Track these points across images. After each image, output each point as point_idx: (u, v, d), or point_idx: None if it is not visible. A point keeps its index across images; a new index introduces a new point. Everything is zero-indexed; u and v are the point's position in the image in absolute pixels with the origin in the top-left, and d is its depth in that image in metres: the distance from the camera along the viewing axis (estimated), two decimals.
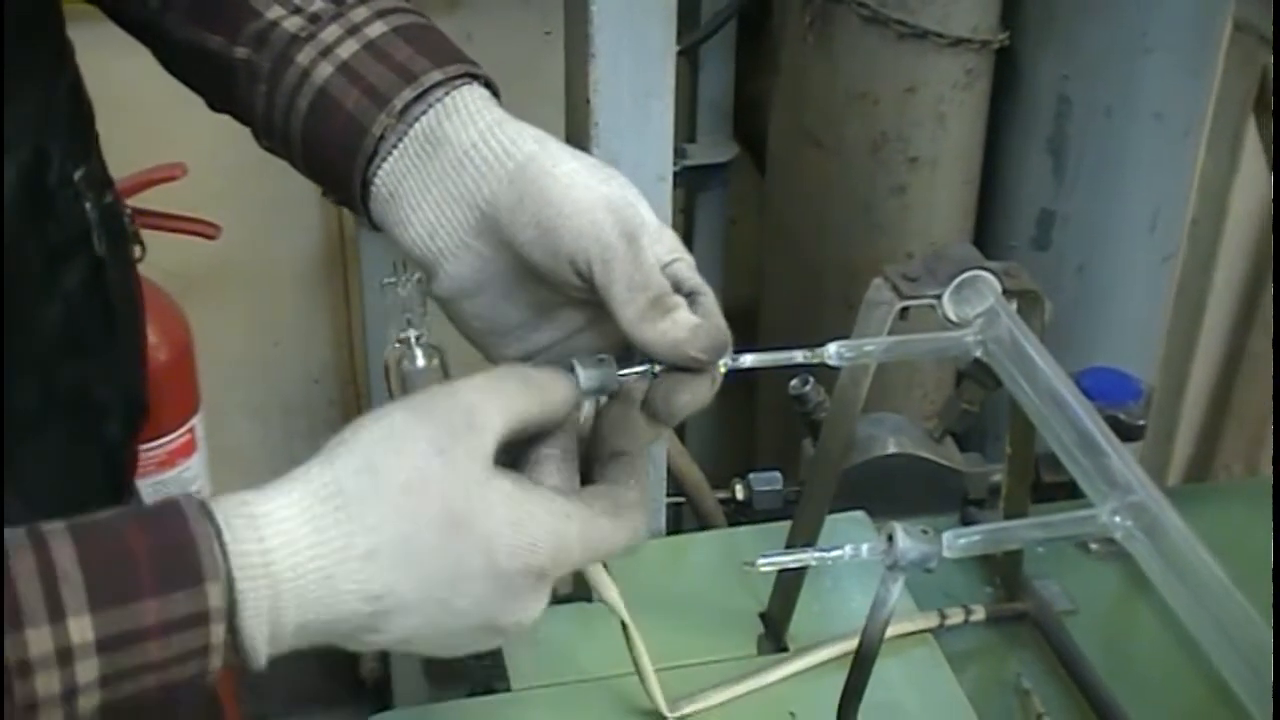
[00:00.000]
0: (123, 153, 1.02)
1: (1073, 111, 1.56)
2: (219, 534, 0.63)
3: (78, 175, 0.83)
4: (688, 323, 0.74)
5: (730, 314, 0.81)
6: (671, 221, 1.00)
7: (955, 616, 1.06)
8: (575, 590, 1.08)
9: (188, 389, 1.80)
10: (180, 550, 0.62)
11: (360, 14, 0.82)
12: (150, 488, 1.70)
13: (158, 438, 1.73)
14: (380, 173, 0.79)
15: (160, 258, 1.09)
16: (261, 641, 0.64)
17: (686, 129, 1.90)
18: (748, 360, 0.82)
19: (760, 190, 1.85)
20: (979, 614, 1.07)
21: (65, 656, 0.60)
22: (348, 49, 0.80)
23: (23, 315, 0.79)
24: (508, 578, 0.67)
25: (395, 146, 0.78)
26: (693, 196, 1.95)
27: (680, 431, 1.99)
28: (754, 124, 1.90)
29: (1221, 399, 2.17)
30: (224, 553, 0.63)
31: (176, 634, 0.62)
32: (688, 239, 1.96)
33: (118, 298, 0.88)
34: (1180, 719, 1.05)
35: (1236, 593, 0.73)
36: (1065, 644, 1.06)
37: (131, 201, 1.62)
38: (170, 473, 1.74)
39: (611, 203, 0.75)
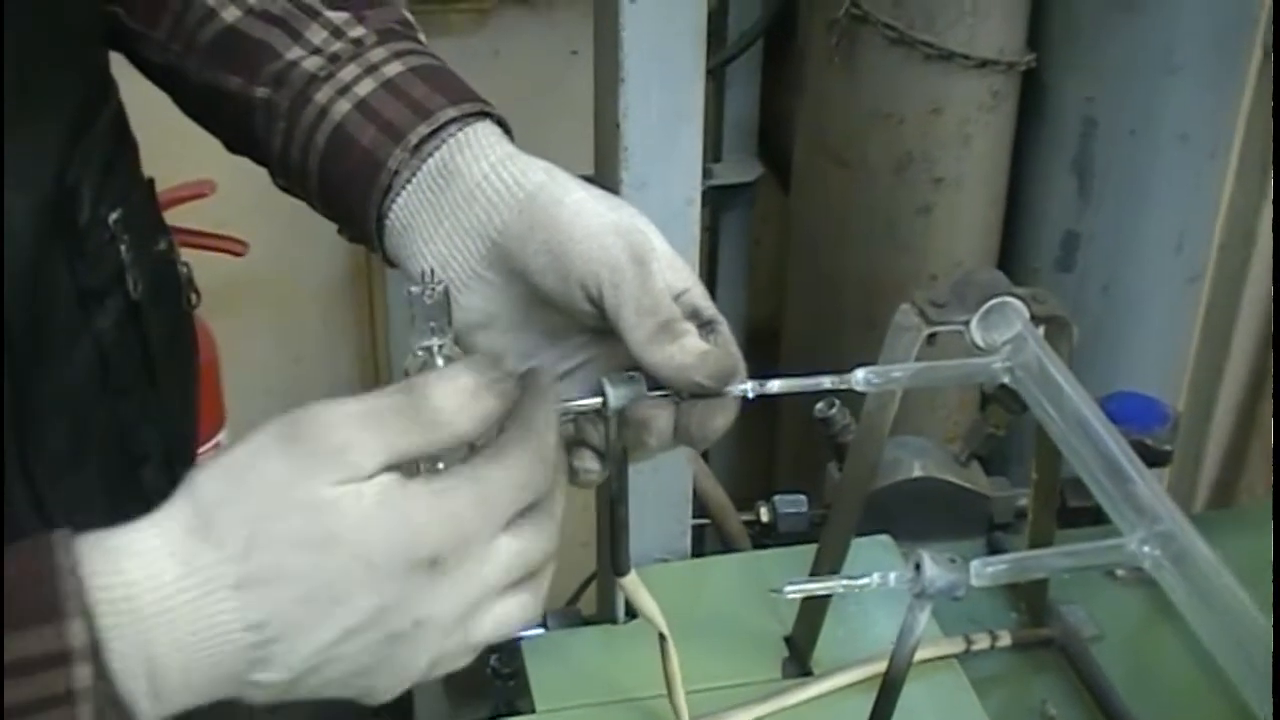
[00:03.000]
0: (152, 170, 1.02)
1: (1098, 132, 1.57)
2: (77, 567, 0.59)
3: (113, 217, 0.83)
4: (696, 349, 0.74)
5: (753, 332, 0.81)
6: (698, 241, 1.01)
7: (981, 642, 1.06)
8: (600, 612, 1.09)
9: (214, 405, 1.81)
10: (36, 583, 0.58)
11: (378, 54, 0.83)
12: None
13: None
14: (395, 207, 0.80)
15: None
16: (141, 692, 0.59)
17: (712, 149, 1.91)
18: (775, 386, 0.82)
19: (784, 209, 1.86)
20: (1005, 639, 1.07)
21: None
22: (365, 87, 0.81)
23: (53, 354, 0.79)
24: (393, 577, 0.62)
25: (409, 181, 0.79)
26: (717, 216, 1.95)
27: (702, 452, 1.99)
28: (779, 144, 1.90)
29: (1247, 421, 2.16)
30: (83, 588, 0.58)
31: (35, 674, 0.57)
32: (712, 258, 1.96)
33: (159, 344, 0.88)
34: None
35: (1265, 623, 0.73)
36: (1091, 670, 1.06)
37: None
38: None
39: (621, 228, 0.75)
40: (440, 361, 0.72)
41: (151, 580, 0.59)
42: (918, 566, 0.73)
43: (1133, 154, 1.56)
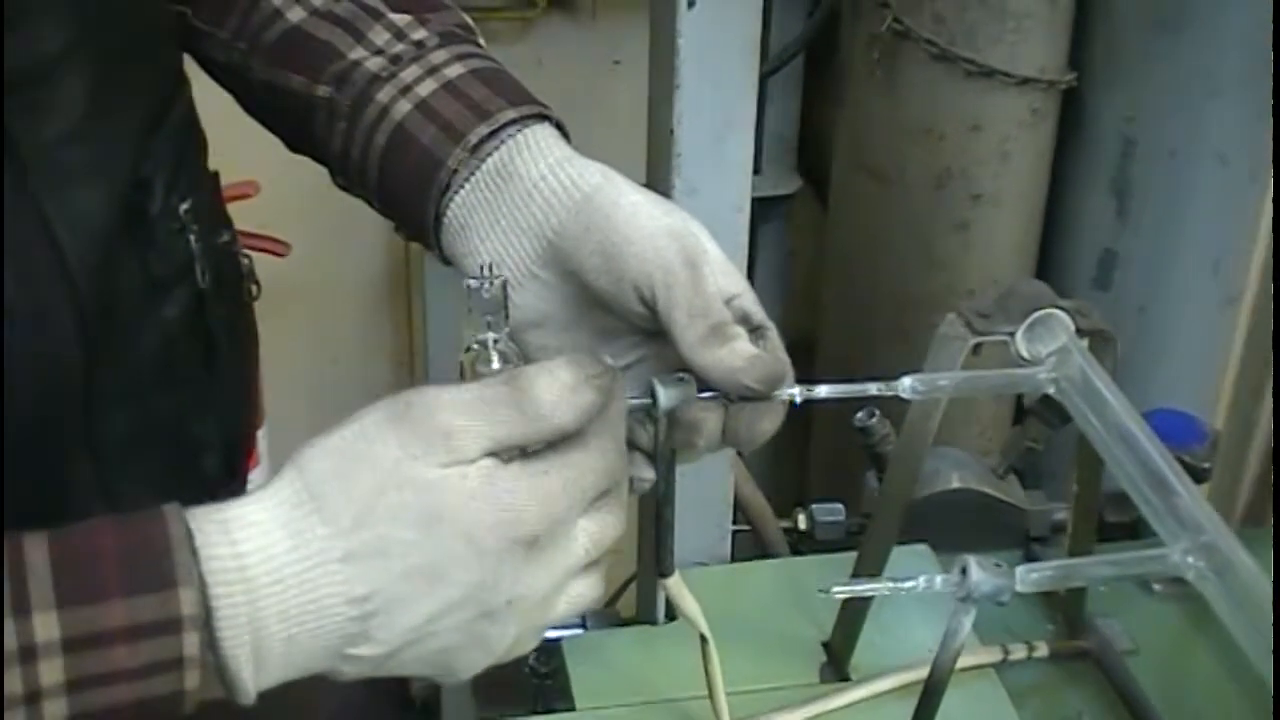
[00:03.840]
0: None
1: (1137, 152, 1.57)
2: (190, 538, 0.61)
3: (184, 208, 0.85)
4: (746, 352, 0.75)
5: (789, 344, 0.82)
6: (746, 249, 1.02)
7: (1018, 652, 1.06)
8: (640, 613, 1.10)
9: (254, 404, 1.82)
10: (151, 551, 0.60)
11: (440, 56, 0.85)
12: None
13: None
14: (453, 205, 0.81)
15: None
16: (245, 659, 0.62)
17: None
18: (822, 391, 0.83)
19: (821, 223, 1.87)
20: (1042, 650, 1.07)
21: (29, 654, 0.58)
22: (427, 88, 0.83)
23: (120, 342, 0.81)
24: (494, 555, 0.65)
25: (468, 180, 0.81)
26: (755, 228, 1.95)
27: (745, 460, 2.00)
28: (818, 157, 1.91)
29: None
30: (196, 559, 0.61)
31: (146, 640, 0.60)
32: (749, 269, 1.96)
33: (221, 334, 0.90)
34: None
35: None
36: (1126, 683, 1.06)
37: None
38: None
39: (675, 231, 0.76)
40: (495, 355, 0.73)
41: (263, 552, 0.62)
42: (964, 570, 0.74)
43: (1172, 175, 1.56)
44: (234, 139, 0.98)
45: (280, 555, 0.62)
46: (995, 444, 1.61)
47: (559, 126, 0.83)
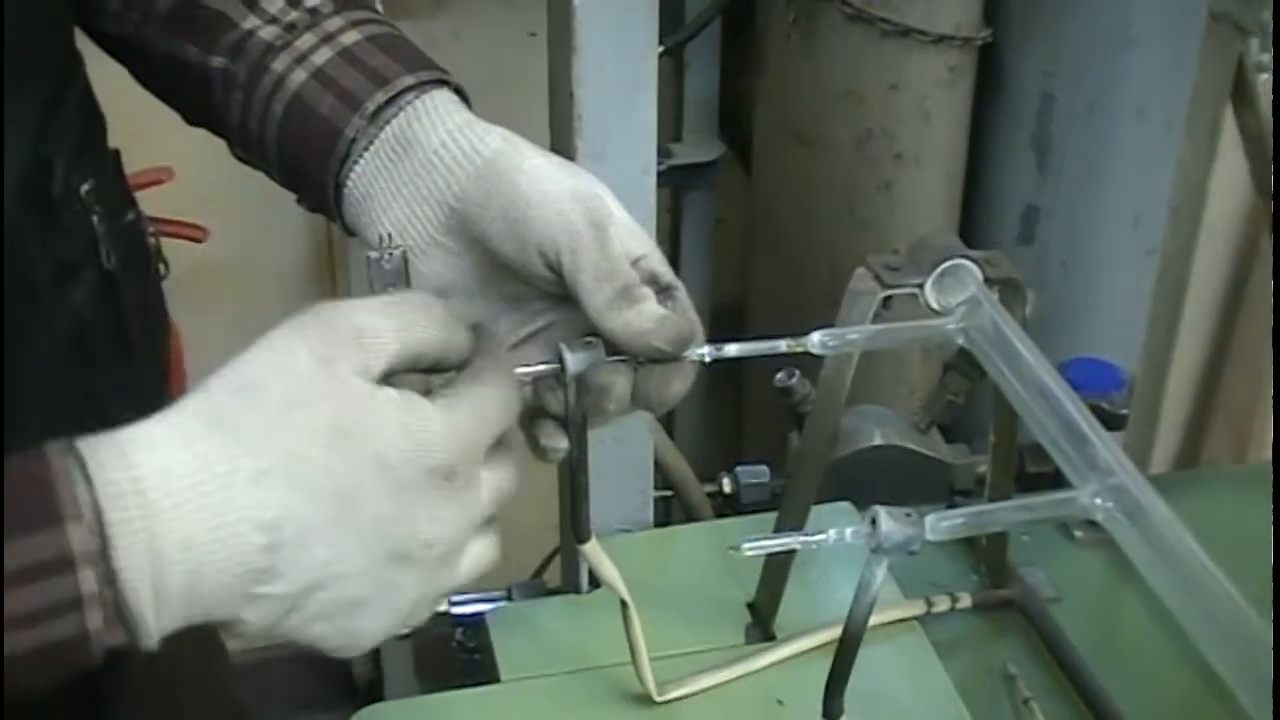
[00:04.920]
0: None
1: (1055, 107, 1.56)
2: (83, 467, 0.58)
3: (85, 188, 0.83)
4: (654, 314, 0.74)
5: (718, 312, 0.82)
6: (657, 220, 1.01)
7: (942, 604, 1.06)
8: (565, 582, 1.09)
9: (176, 392, 1.80)
10: (33, 490, 0.57)
11: (335, 23, 0.83)
12: None
13: None
14: (353, 175, 0.80)
15: None
16: (145, 594, 0.58)
17: (673, 128, 1.91)
18: (731, 350, 0.83)
19: (747, 189, 1.86)
20: (965, 601, 1.07)
21: None
22: (322, 56, 0.82)
23: (29, 326, 0.79)
24: (408, 485, 0.63)
25: (367, 149, 0.80)
26: (679, 196, 1.96)
27: (668, 425, 1.99)
28: (740, 123, 1.91)
29: (1207, 393, 2.18)
30: (90, 486, 0.57)
31: (38, 582, 0.57)
32: (675, 238, 1.96)
33: (133, 315, 0.88)
34: (1166, 703, 1.05)
35: (1219, 575, 0.73)
36: (1051, 631, 1.07)
37: None
38: None
39: (578, 194, 0.75)
40: None
41: (162, 474, 0.58)
42: (874, 521, 0.74)
43: (1090, 129, 1.56)
44: (147, 124, 0.97)
45: (183, 477, 0.58)
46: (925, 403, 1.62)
47: (459, 91, 0.82)
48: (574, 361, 0.75)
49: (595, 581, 1.06)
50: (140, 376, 0.92)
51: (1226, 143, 1.18)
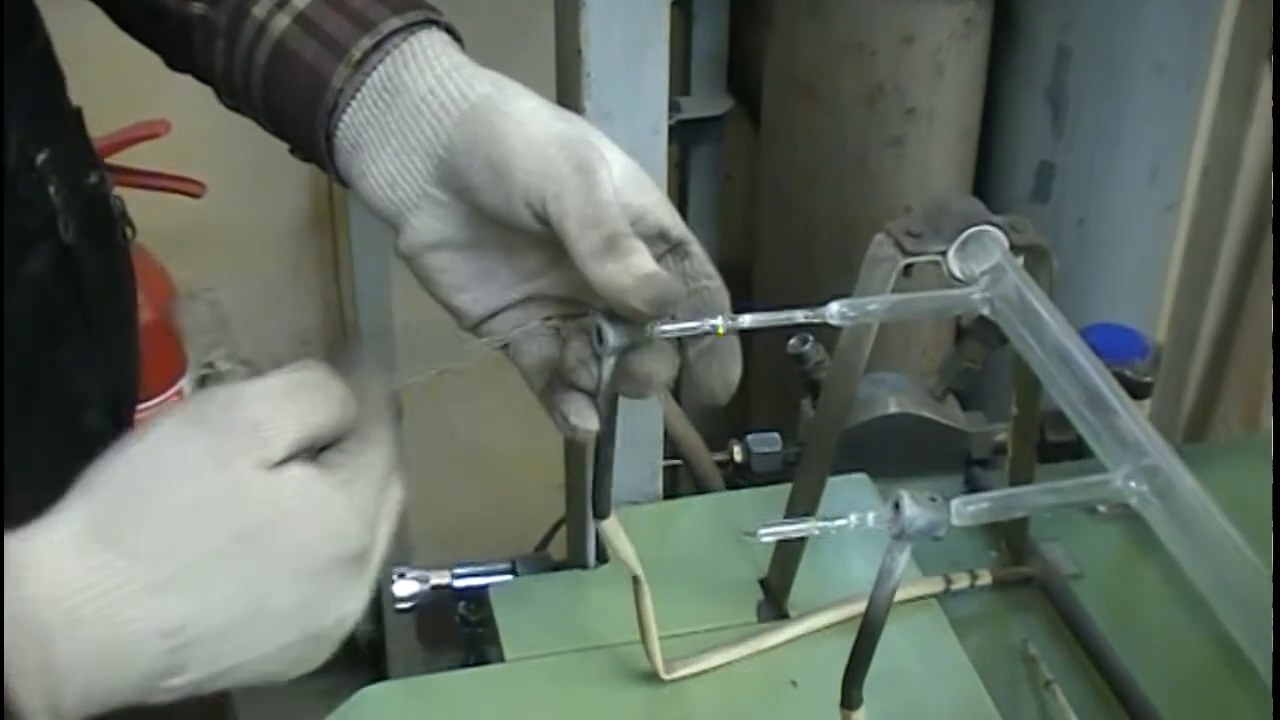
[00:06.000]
0: (103, 110, 0.98)
1: (1072, 62, 1.53)
2: None
3: (40, 158, 0.79)
4: (639, 269, 0.69)
5: (726, 270, 0.78)
6: (666, 175, 0.97)
7: (960, 581, 1.04)
8: (571, 557, 1.06)
9: (174, 350, 1.77)
10: None
11: None
12: None
13: (144, 400, 1.69)
14: (341, 125, 0.76)
15: (143, 217, 1.06)
16: (40, 708, 0.55)
17: (680, 83, 1.87)
18: (746, 321, 0.80)
19: (754, 145, 1.82)
20: (984, 579, 1.05)
21: None
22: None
23: None
24: (317, 573, 0.60)
25: (354, 97, 0.75)
26: (687, 151, 1.91)
27: (675, 393, 1.96)
28: (749, 78, 1.87)
29: (1223, 351, 2.14)
30: None
31: None
32: (682, 194, 1.93)
33: (94, 285, 0.84)
34: (1189, 681, 1.02)
35: (1253, 557, 0.70)
36: (1071, 608, 1.04)
37: (113, 160, 1.58)
38: None
39: (566, 139, 0.71)
40: (226, 368, 0.69)
41: (51, 598, 0.55)
42: (896, 506, 0.70)
43: (1108, 83, 1.53)
44: (141, 76, 0.93)
45: (75, 594, 0.55)
46: (937, 364, 1.59)
47: (450, 30, 0.77)
48: (614, 336, 0.71)
49: (602, 556, 1.04)
50: (105, 349, 0.88)
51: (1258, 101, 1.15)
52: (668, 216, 0.73)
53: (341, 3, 0.76)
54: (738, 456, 1.19)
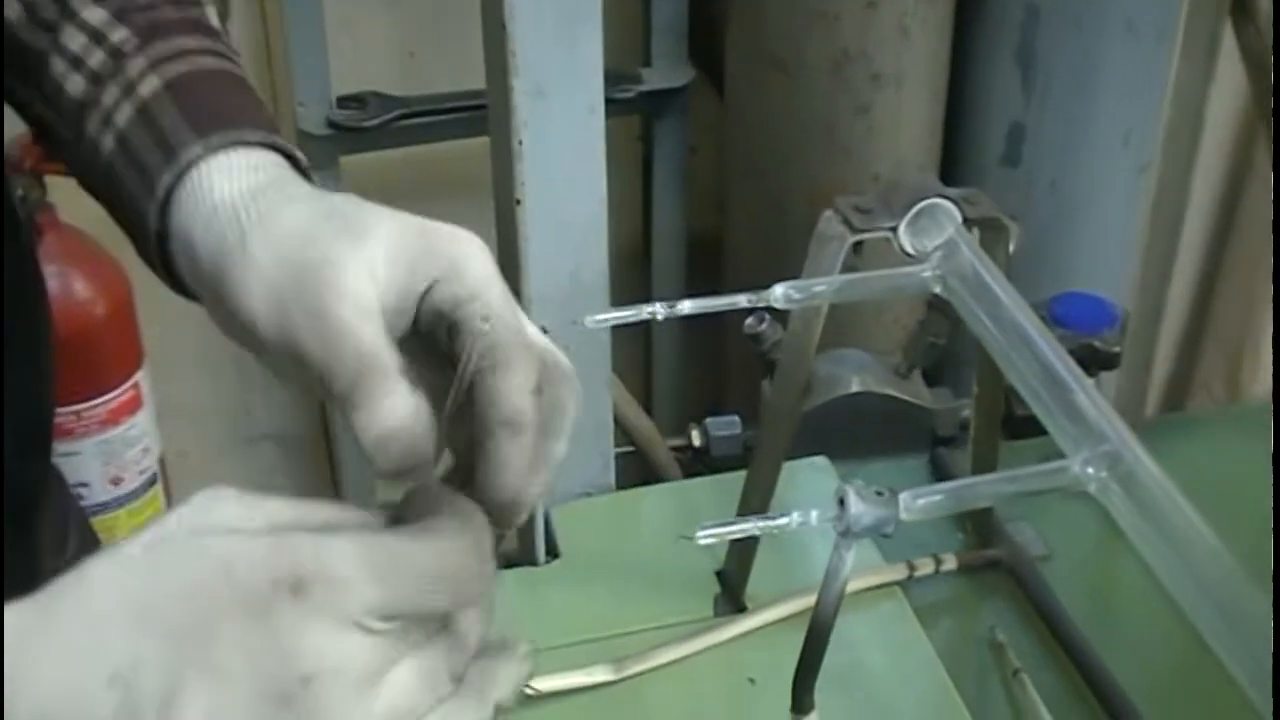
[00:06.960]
0: None
1: (1040, 22, 1.50)
2: None
3: None
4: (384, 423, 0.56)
5: (694, 245, 0.74)
6: (627, 150, 0.93)
7: (925, 567, 1.00)
8: (521, 554, 1.02)
9: (129, 343, 1.73)
10: None
11: (136, 66, 0.70)
12: (95, 446, 1.64)
13: (99, 395, 1.66)
14: (175, 267, 0.67)
15: (94, 207, 1.01)
16: None
17: (641, 53, 1.82)
18: (686, 306, 0.78)
19: (720, 116, 1.78)
20: (950, 563, 1.01)
21: None
22: (124, 116, 0.69)
23: None
24: None
25: (170, 240, 0.66)
26: (650, 123, 1.87)
27: (646, 378, 1.93)
28: (712, 47, 1.82)
29: (1199, 316, 2.11)
30: None
31: None
32: (646, 167, 1.88)
33: None
34: (1161, 666, 0.99)
35: (1216, 543, 0.67)
36: (1040, 592, 1.00)
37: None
38: (115, 430, 1.67)
39: (295, 280, 0.59)
40: None
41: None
42: (842, 502, 0.67)
43: (1078, 44, 1.50)
44: None
45: None
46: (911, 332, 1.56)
47: (274, 146, 0.66)
48: None
49: (553, 551, 1.00)
50: (14, 373, 0.81)
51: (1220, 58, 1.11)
52: (457, 284, 0.59)
53: (152, 120, 0.68)
54: (696, 441, 1.16)
